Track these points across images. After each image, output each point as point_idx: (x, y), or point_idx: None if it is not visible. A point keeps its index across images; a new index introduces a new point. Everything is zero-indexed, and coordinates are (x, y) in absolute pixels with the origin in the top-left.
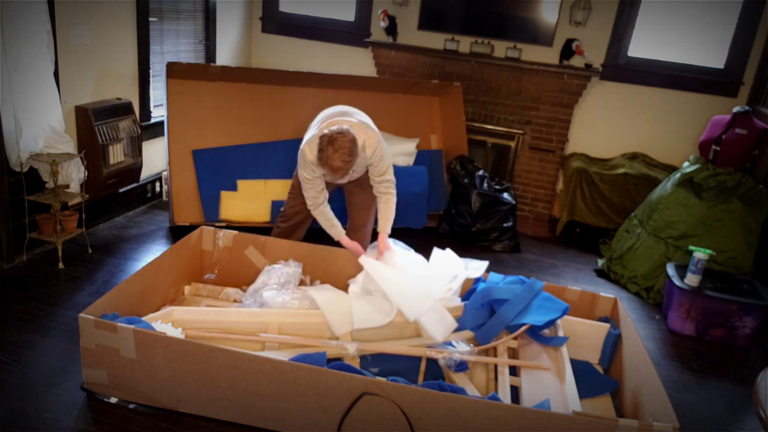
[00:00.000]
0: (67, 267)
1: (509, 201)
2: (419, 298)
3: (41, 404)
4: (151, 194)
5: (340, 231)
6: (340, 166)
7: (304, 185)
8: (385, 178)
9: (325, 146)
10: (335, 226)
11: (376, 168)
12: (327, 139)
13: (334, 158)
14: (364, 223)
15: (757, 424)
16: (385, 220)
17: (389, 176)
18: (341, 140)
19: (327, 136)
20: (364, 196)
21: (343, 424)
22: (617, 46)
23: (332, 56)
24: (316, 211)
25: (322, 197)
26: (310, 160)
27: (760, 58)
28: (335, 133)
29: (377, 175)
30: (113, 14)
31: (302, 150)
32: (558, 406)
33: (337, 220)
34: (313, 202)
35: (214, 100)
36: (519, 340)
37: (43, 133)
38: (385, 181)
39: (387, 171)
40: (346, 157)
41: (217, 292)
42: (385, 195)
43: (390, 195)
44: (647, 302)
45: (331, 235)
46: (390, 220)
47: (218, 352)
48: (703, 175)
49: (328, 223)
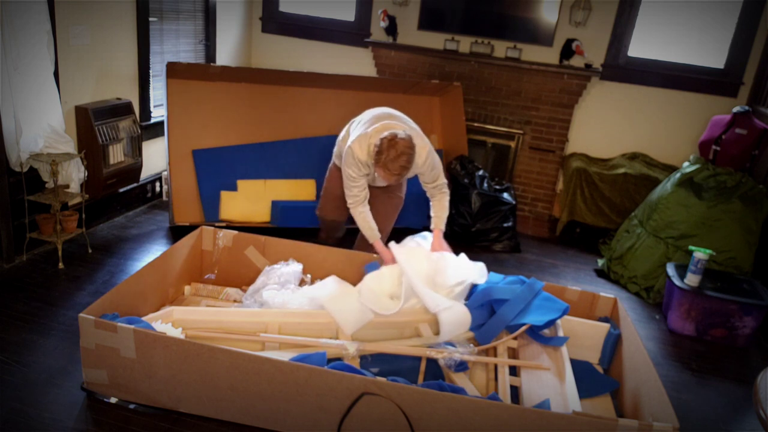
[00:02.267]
0: (67, 267)
1: (509, 201)
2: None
3: (41, 404)
4: (151, 194)
5: (377, 234)
6: (398, 171)
7: (348, 182)
8: (437, 183)
9: (385, 149)
10: (372, 229)
11: (428, 175)
12: (388, 142)
13: (395, 162)
14: (382, 228)
15: (757, 424)
16: (439, 217)
17: (441, 180)
18: (402, 145)
19: (387, 139)
20: (388, 203)
21: (343, 424)
22: (617, 46)
23: (332, 56)
24: (356, 210)
25: (363, 195)
26: (360, 159)
27: (760, 58)
28: (397, 138)
29: (430, 182)
30: (113, 14)
31: (351, 148)
32: (558, 406)
33: (374, 223)
34: (354, 201)
35: (214, 100)
36: (519, 340)
37: (43, 133)
38: (439, 185)
39: (439, 177)
40: (407, 162)
41: (217, 292)
42: (440, 194)
43: (444, 194)
44: (647, 302)
45: (367, 236)
46: (444, 218)
47: (218, 352)
48: (703, 175)
49: (366, 224)
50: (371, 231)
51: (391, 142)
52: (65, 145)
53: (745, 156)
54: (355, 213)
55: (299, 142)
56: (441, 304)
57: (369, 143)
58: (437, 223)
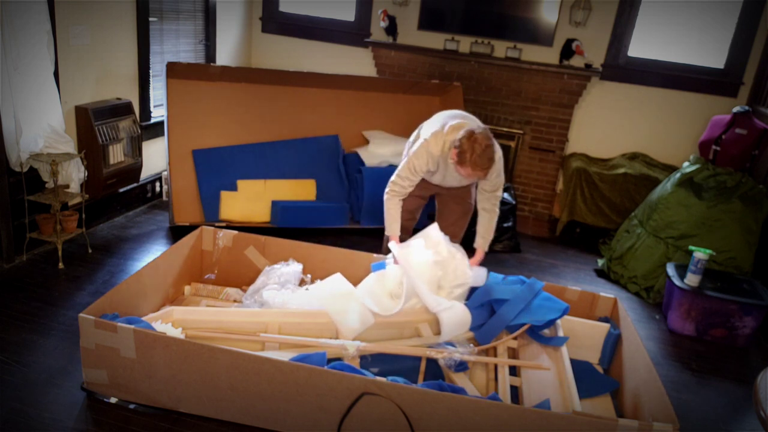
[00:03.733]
0: (67, 267)
1: (509, 201)
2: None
3: (41, 404)
4: (151, 194)
5: (398, 230)
6: (487, 165)
7: (405, 171)
8: (496, 194)
9: (468, 148)
10: (397, 222)
11: (492, 182)
12: (467, 140)
13: (483, 157)
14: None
15: (757, 424)
16: (485, 238)
17: (500, 192)
18: (482, 139)
19: (466, 138)
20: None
21: (343, 424)
22: (617, 46)
23: (332, 56)
24: (392, 200)
25: (407, 191)
26: (432, 152)
27: (760, 58)
28: (476, 134)
29: (490, 189)
30: (113, 14)
31: (427, 140)
32: (558, 406)
33: (400, 220)
34: (399, 191)
35: (214, 100)
36: (519, 340)
37: (43, 133)
38: (495, 197)
39: (500, 187)
40: (492, 153)
41: (217, 292)
42: (490, 212)
43: (495, 213)
44: (647, 302)
45: (389, 230)
46: (489, 240)
47: (218, 352)
48: (703, 175)
49: (393, 216)
50: (395, 224)
51: (470, 139)
52: (65, 145)
53: (745, 156)
54: (389, 203)
55: (299, 142)
56: (442, 304)
57: (444, 140)
58: (481, 244)
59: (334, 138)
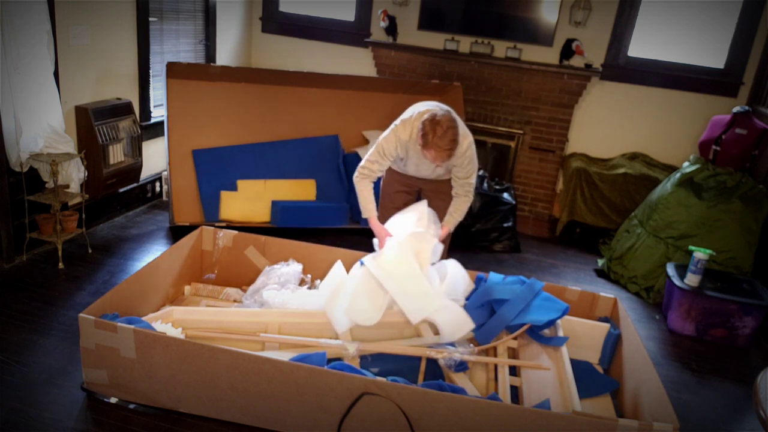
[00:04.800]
0: (67, 267)
1: (509, 201)
2: (424, 298)
3: (41, 404)
4: (151, 194)
5: (374, 210)
6: (449, 146)
7: (374, 155)
8: (469, 181)
9: (429, 129)
10: (372, 203)
11: (464, 169)
12: (429, 122)
13: (444, 138)
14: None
15: (757, 424)
16: (453, 217)
17: (473, 180)
18: (445, 121)
19: (428, 120)
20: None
21: (343, 424)
22: (617, 46)
23: (332, 56)
24: (361, 182)
25: (376, 175)
26: (401, 137)
27: (760, 58)
28: (437, 116)
29: (462, 177)
30: (113, 14)
31: (396, 126)
32: (558, 406)
33: (374, 200)
34: (367, 173)
35: (214, 100)
36: (519, 340)
37: (43, 133)
38: (468, 184)
39: (472, 175)
40: (454, 135)
41: (217, 292)
42: (463, 197)
43: (467, 198)
44: (647, 302)
45: (364, 211)
46: (457, 220)
47: (218, 352)
48: (703, 175)
49: (366, 197)
50: (371, 205)
51: (432, 121)
52: (65, 145)
53: (745, 156)
54: (360, 185)
55: (299, 142)
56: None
57: (413, 126)
58: (449, 221)
59: (334, 138)
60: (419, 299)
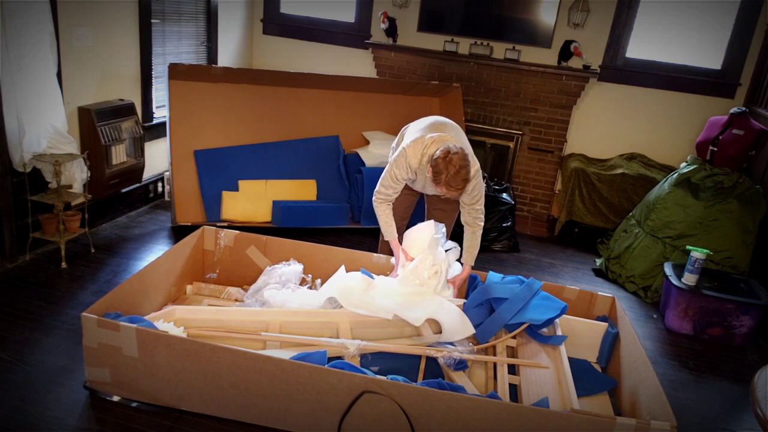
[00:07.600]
0: (70, 266)
1: (508, 201)
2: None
3: (44, 403)
4: (153, 194)
5: (394, 233)
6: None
7: (387, 180)
8: (475, 207)
9: (443, 168)
10: (392, 227)
11: (470, 195)
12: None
13: (456, 178)
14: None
15: (754, 422)
16: (470, 253)
17: (480, 206)
18: (457, 160)
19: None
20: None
21: (344, 423)
22: (615, 48)
23: (333, 58)
24: (380, 206)
25: (393, 197)
26: (411, 164)
27: (757, 60)
28: (450, 154)
29: (469, 203)
30: (115, 16)
31: (405, 150)
32: (556, 404)
33: (394, 223)
34: (384, 198)
35: (215, 101)
36: (518, 338)
37: (46, 133)
38: (476, 210)
39: (480, 200)
40: (466, 175)
41: (219, 291)
42: (473, 226)
43: (478, 227)
44: (645, 301)
45: (385, 234)
46: (474, 255)
47: (220, 351)
48: (700, 175)
49: (385, 221)
50: (391, 229)
51: (445, 159)
52: (68, 145)
53: (742, 156)
54: (379, 209)
55: (300, 142)
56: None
57: (423, 152)
58: (467, 259)
59: (335, 138)
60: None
